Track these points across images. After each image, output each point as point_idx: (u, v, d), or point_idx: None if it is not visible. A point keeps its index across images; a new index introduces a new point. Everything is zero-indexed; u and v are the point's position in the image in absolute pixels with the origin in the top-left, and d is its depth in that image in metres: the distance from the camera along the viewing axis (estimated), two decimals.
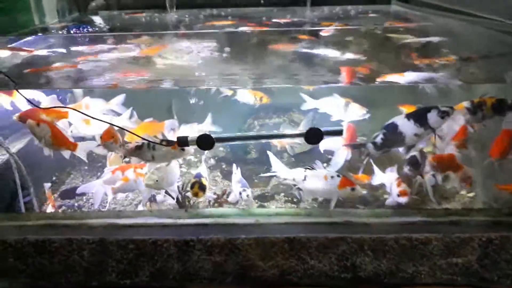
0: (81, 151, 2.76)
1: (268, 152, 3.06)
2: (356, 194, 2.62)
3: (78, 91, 3.38)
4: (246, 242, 2.25)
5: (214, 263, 2.29)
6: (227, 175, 3.67)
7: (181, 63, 3.13)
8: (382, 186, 2.94)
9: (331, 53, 3.29)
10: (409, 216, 2.37)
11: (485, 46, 3.32)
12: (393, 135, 2.63)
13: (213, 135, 2.21)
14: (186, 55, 3.29)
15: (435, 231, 2.25)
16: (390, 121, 2.69)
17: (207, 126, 3.48)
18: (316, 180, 2.70)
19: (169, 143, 2.35)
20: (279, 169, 2.99)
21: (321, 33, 3.79)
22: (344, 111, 3.24)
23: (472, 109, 2.77)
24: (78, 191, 3.07)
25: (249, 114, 4.16)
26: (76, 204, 3.31)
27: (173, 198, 2.97)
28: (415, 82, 2.83)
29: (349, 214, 2.39)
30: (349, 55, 3.20)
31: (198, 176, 2.95)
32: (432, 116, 2.51)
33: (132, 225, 2.40)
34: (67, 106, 2.94)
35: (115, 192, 2.97)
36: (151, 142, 2.37)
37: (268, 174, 3.02)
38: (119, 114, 3.26)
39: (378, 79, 2.93)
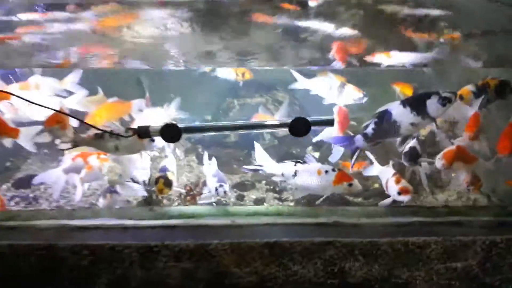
0: (24, 139, 2.38)
1: (255, 143, 2.65)
2: (354, 189, 2.31)
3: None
4: (220, 248, 1.96)
5: (183, 270, 2.00)
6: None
7: (150, 36, 2.73)
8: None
9: (319, 26, 2.92)
10: (405, 216, 2.10)
11: (489, 21, 2.99)
12: (386, 124, 2.26)
13: (180, 125, 1.86)
14: (157, 27, 2.88)
15: (434, 234, 2.00)
16: (383, 108, 2.31)
17: (171, 112, 3.09)
18: (308, 176, 2.37)
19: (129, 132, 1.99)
20: (266, 163, 2.59)
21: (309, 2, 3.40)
22: (339, 93, 2.89)
23: (477, 92, 2.49)
24: (35, 181, 2.69)
25: (228, 92, 3.80)
26: (31, 195, 2.95)
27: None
28: (402, 65, 2.52)
29: (338, 214, 2.11)
30: (340, 31, 2.83)
31: (164, 170, 2.61)
32: (432, 103, 2.14)
33: (87, 227, 2.07)
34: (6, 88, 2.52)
35: (83, 182, 2.62)
36: (103, 131, 1.98)
37: (252, 167, 2.66)
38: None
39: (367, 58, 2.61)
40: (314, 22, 2.77)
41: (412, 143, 2.45)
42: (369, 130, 2.32)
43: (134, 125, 2.59)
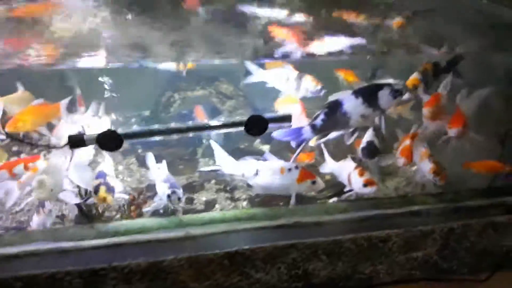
0: None
1: (211, 141, 2.47)
2: (317, 187, 2.23)
3: None
4: (175, 264, 1.78)
5: None
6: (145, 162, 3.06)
7: (76, 28, 2.40)
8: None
9: (259, 11, 2.74)
10: (367, 209, 2.06)
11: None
12: (336, 115, 2.18)
13: (120, 131, 1.64)
14: (82, 16, 2.55)
15: (396, 226, 1.97)
16: (333, 98, 2.22)
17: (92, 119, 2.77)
18: (271, 175, 2.23)
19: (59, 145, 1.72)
20: (225, 162, 2.41)
21: None
22: (296, 86, 2.73)
23: (423, 78, 2.51)
24: None
25: (168, 84, 3.53)
26: None
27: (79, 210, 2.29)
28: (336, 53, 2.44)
29: (299, 214, 2.01)
30: (280, 13, 2.66)
31: (102, 175, 2.29)
32: (383, 95, 2.11)
33: (18, 254, 1.79)
34: None
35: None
36: (30, 144, 1.71)
37: (210, 168, 2.44)
38: None
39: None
40: (251, 7, 2.59)
41: (368, 136, 2.41)
42: (318, 121, 2.22)
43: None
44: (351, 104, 2.16)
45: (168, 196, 2.19)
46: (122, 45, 2.48)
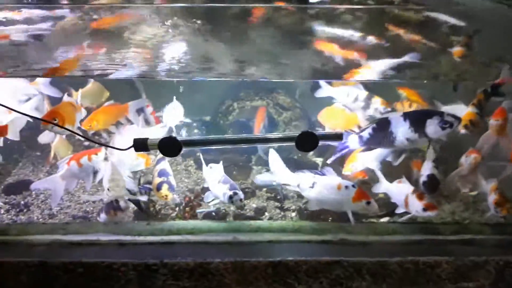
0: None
1: (271, 150, 2.46)
2: (371, 209, 2.16)
3: None
4: (221, 267, 1.86)
5: None
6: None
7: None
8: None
9: (323, 29, 2.77)
10: (416, 234, 2.01)
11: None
12: (382, 132, 2.17)
13: (180, 138, 1.75)
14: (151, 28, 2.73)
15: (445, 253, 1.91)
16: (383, 116, 2.24)
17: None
18: (327, 189, 2.20)
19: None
20: (280, 172, 2.40)
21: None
22: (365, 105, 2.70)
23: (479, 112, 2.42)
24: (33, 187, 2.57)
25: (227, 93, 3.66)
26: (22, 202, 2.83)
27: (137, 205, 2.45)
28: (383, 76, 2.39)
29: (345, 231, 2.02)
30: (345, 32, 2.68)
31: (165, 174, 2.44)
32: (432, 124, 2.05)
33: (82, 242, 1.97)
34: None
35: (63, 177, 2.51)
36: (98, 143, 1.87)
37: (264, 177, 2.48)
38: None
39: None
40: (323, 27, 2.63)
41: (428, 169, 2.34)
42: (366, 134, 2.23)
43: None
44: (399, 125, 2.13)
45: (230, 197, 2.22)
46: (189, 55, 2.61)
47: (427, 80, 2.84)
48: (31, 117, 2.22)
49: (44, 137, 2.94)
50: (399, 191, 2.24)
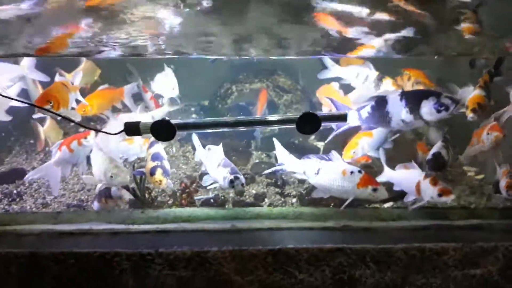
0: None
1: (275, 140, 2.38)
2: (378, 196, 2.05)
3: None
4: (219, 255, 1.79)
5: (178, 279, 1.83)
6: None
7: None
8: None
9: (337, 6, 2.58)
10: (421, 219, 1.93)
11: None
12: (380, 111, 2.03)
13: (174, 121, 1.66)
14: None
15: (452, 239, 1.83)
16: (381, 94, 2.09)
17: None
18: (332, 175, 2.10)
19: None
20: (287, 160, 2.31)
21: None
22: (375, 86, 2.53)
23: (487, 94, 2.30)
24: (28, 178, 2.47)
25: (225, 75, 3.55)
26: (15, 191, 2.76)
27: (132, 193, 2.35)
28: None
29: (348, 217, 1.94)
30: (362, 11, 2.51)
31: (158, 158, 2.31)
32: (427, 105, 1.90)
33: (73, 232, 1.89)
34: None
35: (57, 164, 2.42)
36: (91, 129, 1.79)
37: (274, 169, 2.39)
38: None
39: None
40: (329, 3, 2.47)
41: (436, 148, 2.22)
42: (364, 112, 2.08)
43: None
44: (395, 105, 1.98)
45: (231, 181, 2.12)
46: (188, 34, 2.49)
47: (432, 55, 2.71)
48: (25, 103, 2.11)
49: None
50: (407, 177, 2.12)
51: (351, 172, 2.04)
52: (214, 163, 2.30)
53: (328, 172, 2.10)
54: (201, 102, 3.79)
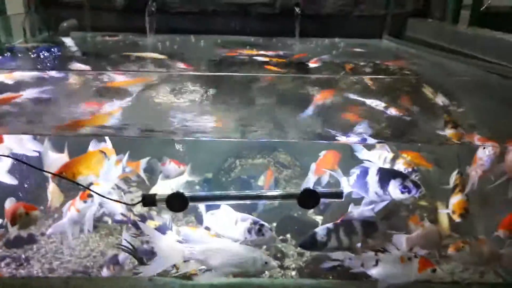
0: None
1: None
2: (438, 275, 2.02)
3: None
4: None
5: None
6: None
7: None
8: None
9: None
10: None
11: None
12: (361, 180, 2.26)
13: (187, 193, 1.83)
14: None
15: None
16: (366, 164, 2.33)
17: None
18: (392, 265, 2.06)
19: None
20: None
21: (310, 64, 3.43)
22: (390, 167, 2.70)
23: None
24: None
25: (230, 151, 3.78)
26: (23, 256, 2.83)
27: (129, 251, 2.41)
28: None
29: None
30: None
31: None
32: (394, 185, 2.11)
33: None
34: None
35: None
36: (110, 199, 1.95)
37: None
38: None
39: None
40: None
41: None
42: (352, 179, 2.34)
43: None
44: (372, 177, 2.21)
45: (259, 230, 2.10)
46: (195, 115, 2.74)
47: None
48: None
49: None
50: None
51: (409, 259, 2.06)
52: (228, 223, 2.31)
53: (388, 263, 2.09)
54: (206, 175, 3.98)
